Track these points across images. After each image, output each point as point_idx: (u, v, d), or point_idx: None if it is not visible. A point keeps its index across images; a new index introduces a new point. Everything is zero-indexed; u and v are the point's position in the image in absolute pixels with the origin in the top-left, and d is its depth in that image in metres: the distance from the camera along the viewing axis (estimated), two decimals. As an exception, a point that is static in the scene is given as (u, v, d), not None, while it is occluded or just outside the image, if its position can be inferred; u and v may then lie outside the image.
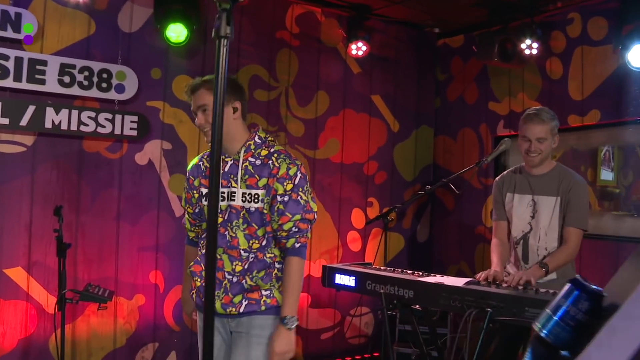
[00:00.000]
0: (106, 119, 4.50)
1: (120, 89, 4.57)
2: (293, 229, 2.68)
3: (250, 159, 2.71)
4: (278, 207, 2.67)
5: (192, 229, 3.10)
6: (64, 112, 4.37)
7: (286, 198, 2.67)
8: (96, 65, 4.48)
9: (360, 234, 5.84)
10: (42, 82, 4.30)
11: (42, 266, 4.32)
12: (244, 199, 2.69)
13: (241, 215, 2.69)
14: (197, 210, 2.98)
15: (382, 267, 4.06)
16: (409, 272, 3.76)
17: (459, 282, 3.35)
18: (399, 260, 5.96)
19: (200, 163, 2.93)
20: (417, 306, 3.65)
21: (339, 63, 5.76)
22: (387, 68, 6.05)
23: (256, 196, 2.67)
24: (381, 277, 3.63)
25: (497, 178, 3.85)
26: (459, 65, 6.22)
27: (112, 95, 4.54)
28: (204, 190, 2.85)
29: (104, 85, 4.51)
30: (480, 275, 3.41)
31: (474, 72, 6.03)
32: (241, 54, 5.14)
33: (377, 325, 5.93)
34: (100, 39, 4.58)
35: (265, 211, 2.69)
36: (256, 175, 2.69)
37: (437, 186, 4.11)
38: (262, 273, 2.71)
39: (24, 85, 4.24)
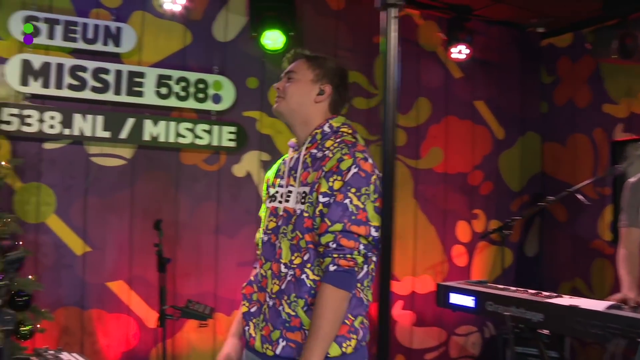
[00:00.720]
0: (203, 130, 4.38)
1: (216, 99, 4.45)
2: (331, 244, 1.92)
3: (312, 150, 2.10)
4: (319, 211, 1.97)
5: None
6: (162, 124, 4.29)
7: (329, 199, 1.94)
8: (192, 76, 4.38)
9: (466, 248, 5.45)
10: (140, 94, 4.24)
11: (143, 280, 4.24)
12: (296, 199, 2.07)
13: (292, 220, 2.05)
14: None
15: (501, 286, 3.67)
16: (532, 291, 3.36)
17: (597, 305, 2.92)
18: (507, 277, 5.51)
19: (284, 162, 2.33)
20: (546, 331, 3.25)
21: (439, 68, 5.43)
22: (490, 72, 5.65)
23: (304, 195, 2.03)
24: (505, 298, 3.25)
25: (631, 179, 3.38)
26: (567, 66, 5.73)
27: (208, 105, 4.43)
28: (272, 191, 2.23)
29: (201, 95, 4.40)
30: (615, 298, 2.97)
31: (585, 72, 5.52)
32: (339, 61, 4.90)
33: (484, 345, 5.51)
34: (196, 49, 4.49)
35: (306, 214, 2.01)
36: (310, 169, 2.06)
37: (562, 197, 3.69)
38: (301, 302, 1.97)
39: (123, 98, 4.20)
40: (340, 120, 2.16)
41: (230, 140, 4.45)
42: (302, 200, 2.03)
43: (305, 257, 2.00)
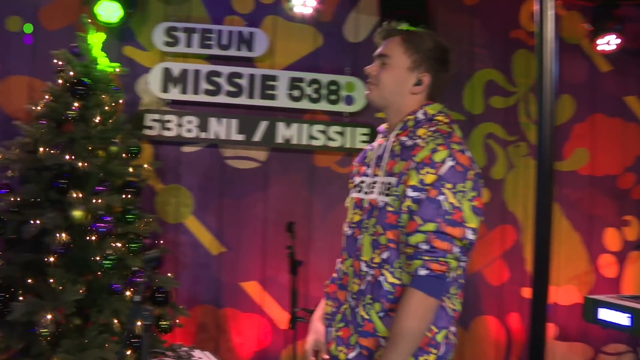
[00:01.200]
0: (336, 132, 4.34)
1: (349, 100, 4.39)
2: (422, 245, 1.70)
3: (402, 138, 1.88)
4: (407, 206, 1.75)
5: None
6: (294, 127, 4.30)
7: (420, 194, 1.72)
8: (324, 78, 4.35)
9: (616, 258, 4.97)
10: (273, 97, 4.28)
11: (275, 281, 4.27)
12: (380, 190, 1.85)
13: (374, 213, 1.85)
14: None
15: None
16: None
17: None
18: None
19: (370, 147, 2.07)
20: None
21: (583, 61, 5.00)
22: (643, 63, 5.13)
23: (388, 186, 1.81)
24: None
25: None
26: None
27: (341, 107, 4.38)
28: (357, 180, 2.01)
29: (333, 97, 4.36)
30: None
31: None
32: (475, 58, 4.67)
33: (638, 365, 4.99)
34: (327, 50, 4.46)
35: (390, 208, 1.79)
36: (397, 159, 1.84)
37: None
38: (377, 306, 1.79)
39: (256, 101, 4.26)
40: (437, 107, 1.92)
41: (363, 141, 4.37)
42: (386, 192, 1.81)
43: (384, 256, 1.80)
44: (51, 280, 3.21)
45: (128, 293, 3.32)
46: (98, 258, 3.29)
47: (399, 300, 1.73)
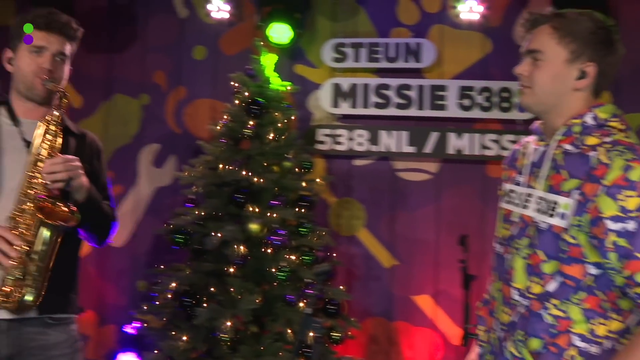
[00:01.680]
0: (509, 140, 4.12)
1: (522, 107, 4.15)
2: None
3: (567, 146, 1.61)
4: (614, 243, 1.46)
5: None
6: (466, 137, 4.16)
7: (627, 225, 1.44)
8: (495, 85, 4.16)
9: None
10: (443, 107, 4.18)
11: (448, 296, 4.15)
12: (538, 206, 1.60)
13: (529, 232, 1.61)
14: None
15: None
16: None
17: None
18: None
19: (520, 147, 1.85)
20: None
21: None
22: None
23: (554, 206, 1.55)
24: None
25: None
26: None
27: (514, 115, 4.16)
28: (507, 187, 1.79)
29: (505, 105, 4.15)
30: None
31: None
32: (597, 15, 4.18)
33: None
34: (497, 56, 4.26)
35: (570, 239, 1.52)
36: (563, 172, 1.57)
37: None
38: (534, 343, 1.56)
39: (426, 112, 4.20)
40: (610, 110, 1.62)
41: (538, 150, 4.11)
42: (550, 212, 1.55)
43: (550, 288, 1.54)
44: (231, 289, 3.41)
45: (301, 304, 3.41)
46: (273, 269, 3.42)
47: (574, 343, 1.51)
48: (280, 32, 4.11)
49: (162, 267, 3.74)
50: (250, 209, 3.38)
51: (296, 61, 4.40)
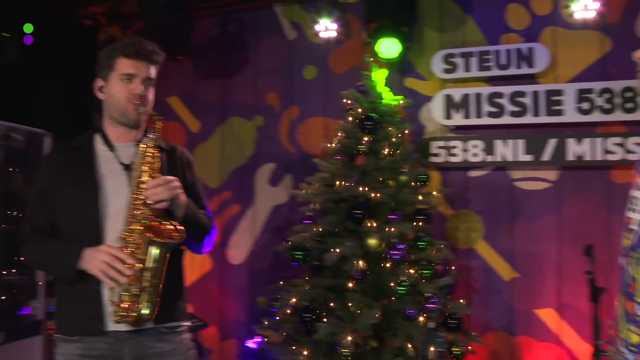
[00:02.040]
0: (636, 143, 3.90)
1: (649, 106, 3.92)
2: None
3: None
4: None
5: None
6: (586, 142, 3.98)
7: None
8: (617, 85, 3.96)
9: None
10: (560, 113, 4.03)
11: (574, 310, 3.96)
12: None
13: None
14: None
15: None
16: None
17: None
18: None
19: None
20: None
21: None
22: None
23: None
24: None
25: None
26: None
27: (639, 115, 3.93)
28: (633, 193, 1.69)
29: (629, 105, 3.93)
30: None
31: None
32: None
33: None
34: (617, 55, 4.04)
35: None
36: None
37: None
38: None
39: (542, 119, 4.06)
40: None
41: (669, 152, 3.87)
42: None
43: None
44: (350, 304, 3.44)
45: (421, 319, 3.38)
46: (392, 284, 3.42)
47: None
48: (388, 47, 4.13)
49: (281, 283, 3.84)
50: (369, 224, 3.40)
51: (406, 75, 4.40)
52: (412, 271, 3.43)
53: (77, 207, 2.15)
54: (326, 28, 4.44)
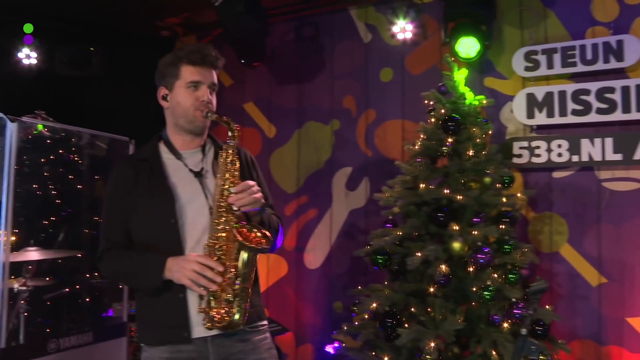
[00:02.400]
0: None
1: None
2: None
3: None
4: None
5: None
6: (682, 139, 3.76)
7: None
8: None
9: None
10: (653, 108, 3.83)
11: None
12: None
13: None
14: None
15: None
16: None
17: None
18: None
19: None
20: None
21: None
22: None
23: None
24: None
25: None
26: None
27: None
28: None
29: None
30: None
31: None
32: None
33: None
34: None
35: None
36: None
37: None
38: None
39: (633, 115, 3.85)
40: None
41: None
42: None
43: None
44: (431, 310, 3.38)
45: (506, 325, 3.27)
46: (475, 289, 3.34)
47: None
48: (467, 46, 4.05)
49: (359, 287, 3.81)
50: (452, 227, 3.33)
51: (485, 74, 4.30)
52: (495, 275, 3.33)
53: (154, 218, 2.18)
54: (402, 29, 4.39)
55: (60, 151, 4.95)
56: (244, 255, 2.05)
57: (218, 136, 2.43)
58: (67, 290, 4.68)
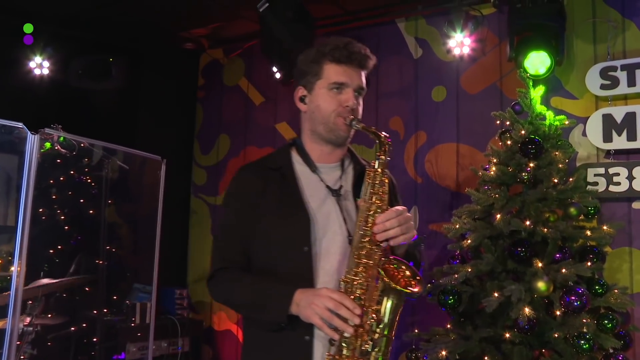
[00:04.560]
0: None
1: None
2: None
3: None
4: None
5: None
6: None
7: None
8: None
9: None
10: None
11: None
12: None
13: None
14: None
15: None
16: None
17: None
18: None
19: None
20: None
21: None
22: None
23: None
24: None
25: None
26: None
27: None
28: None
29: None
30: None
31: None
32: None
33: None
34: None
35: None
36: None
37: None
38: None
39: None
40: None
41: None
42: None
43: None
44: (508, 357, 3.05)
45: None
46: (560, 335, 3.01)
47: None
48: (537, 62, 3.75)
49: (416, 331, 3.48)
50: (539, 263, 2.99)
51: (552, 93, 3.99)
52: (587, 320, 2.98)
53: (283, 242, 1.87)
54: (460, 43, 4.08)
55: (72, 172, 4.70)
56: (389, 298, 1.71)
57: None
58: (73, 329, 4.33)
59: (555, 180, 3.15)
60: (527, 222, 3.08)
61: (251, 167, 2.06)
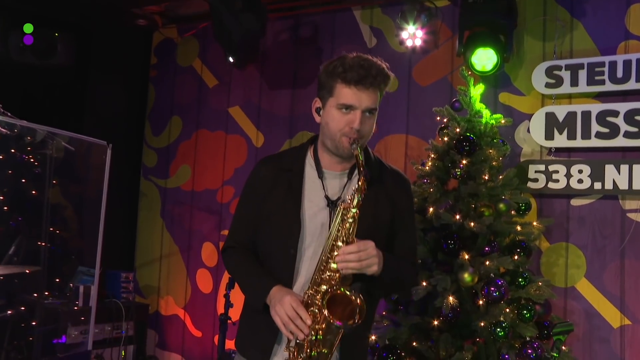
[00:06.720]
0: None
1: None
2: None
3: None
4: None
5: None
6: None
7: None
8: None
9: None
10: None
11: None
12: None
13: None
14: None
15: None
16: None
17: None
18: None
19: None
20: None
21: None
22: None
23: None
24: None
25: None
26: None
27: None
28: None
29: None
30: None
31: None
32: None
33: None
34: None
35: None
36: None
37: None
38: None
39: (668, 141, 4.02)
40: None
41: None
42: None
43: None
44: (435, 345, 3.53)
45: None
46: (485, 324, 3.50)
47: None
48: (484, 58, 4.19)
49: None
50: (465, 256, 3.48)
51: (500, 89, 4.46)
52: (507, 310, 3.48)
53: (275, 243, 2.32)
54: (412, 35, 4.51)
55: (12, 150, 4.78)
56: (331, 324, 2.09)
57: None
58: (9, 312, 4.57)
59: (486, 177, 3.64)
60: (457, 217, 3.57)
61: (268, 164, 2.44)
